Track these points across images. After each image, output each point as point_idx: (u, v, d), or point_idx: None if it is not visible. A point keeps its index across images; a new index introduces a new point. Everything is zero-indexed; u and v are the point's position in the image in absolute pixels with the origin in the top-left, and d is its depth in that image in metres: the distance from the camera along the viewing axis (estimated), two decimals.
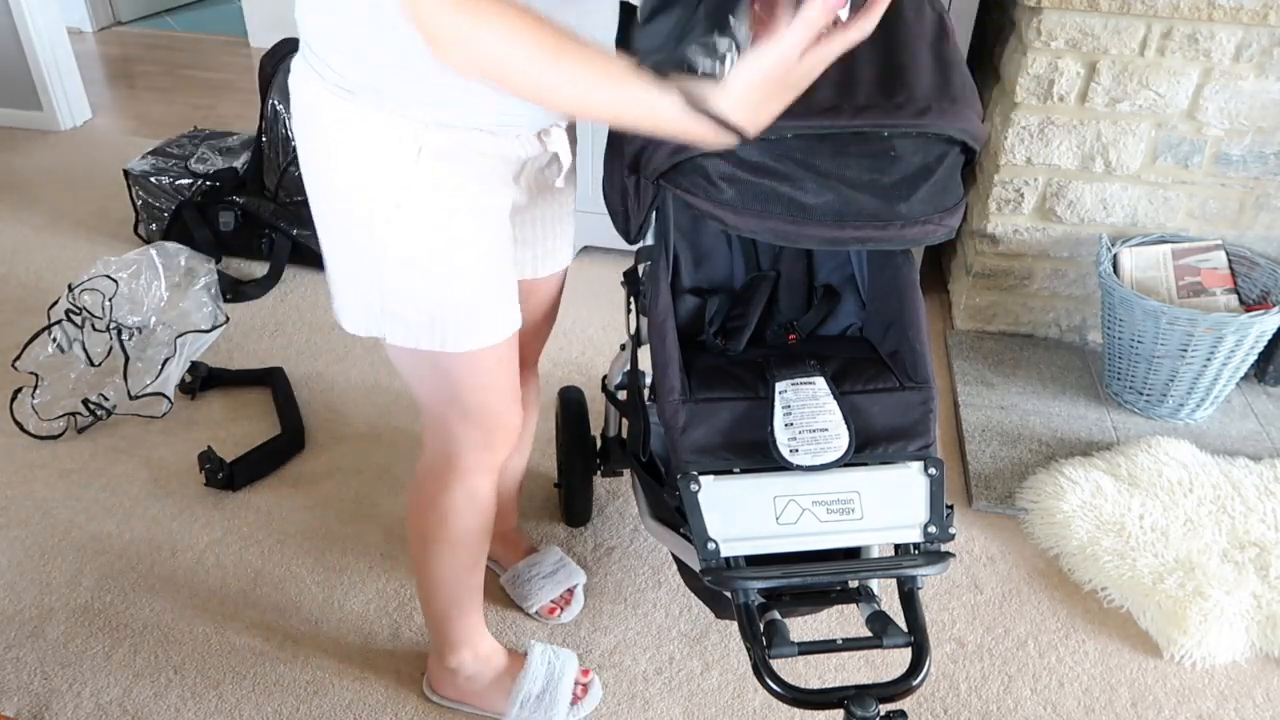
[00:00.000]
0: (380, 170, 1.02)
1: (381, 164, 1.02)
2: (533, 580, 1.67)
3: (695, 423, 1.20)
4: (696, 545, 1.17)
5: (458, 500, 1.28)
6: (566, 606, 1.65)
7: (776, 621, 1.16)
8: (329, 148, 1.04)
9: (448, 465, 1.26)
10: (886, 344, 1.33)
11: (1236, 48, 2.01)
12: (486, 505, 1.32)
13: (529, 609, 1.65)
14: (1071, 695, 1.56)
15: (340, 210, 1.07)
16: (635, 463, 1.42)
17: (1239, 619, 1.64)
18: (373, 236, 1.06)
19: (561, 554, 1.72)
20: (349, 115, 1.01)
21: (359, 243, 1.07)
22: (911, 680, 1.11)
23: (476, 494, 1.29)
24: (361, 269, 1.10)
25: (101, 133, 3.57)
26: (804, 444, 1.18)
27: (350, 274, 1.12)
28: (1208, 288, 2.12)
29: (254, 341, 2.35)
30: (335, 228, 1.10)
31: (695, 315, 1.43)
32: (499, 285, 1.16)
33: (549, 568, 1.69)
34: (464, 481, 1.27)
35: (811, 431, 1.19)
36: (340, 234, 1.09)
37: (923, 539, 1.19)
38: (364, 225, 1.05)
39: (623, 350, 1.61)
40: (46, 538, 1.78)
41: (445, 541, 1.32)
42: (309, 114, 1.06)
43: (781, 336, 1.42)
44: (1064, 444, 2.06)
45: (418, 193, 1.03)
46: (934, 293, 2.64)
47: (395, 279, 1.09)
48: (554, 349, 2.36)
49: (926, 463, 1.21)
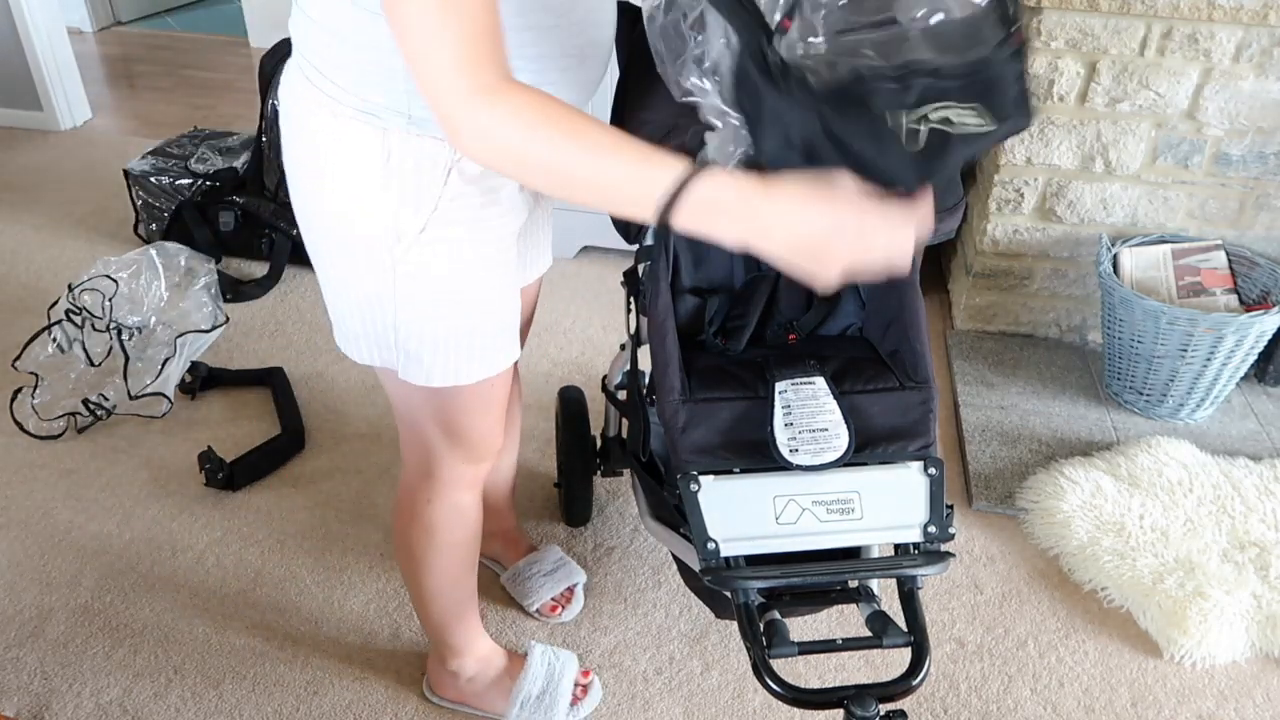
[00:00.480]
0: (407, 195, 0.96)
1: (408, 188, 0.96)
2: (533, 578, 1.67)
3: (695, 423, 1.20)
4: (696, 545, 1.17)
5: (441, 514, 1.26)
6: (567, 605, 1.65)
7: (776, 621, 1.16)
8: (341, 172, 0.98)
9: (430, 480, 1.23)
10: (886, 344, 1.33)
11: (1236, 48, 2.01)
12: (472, 517, 1.30)
13: (529, 607, 1.65)
14: (1071, 695, 1.56)
15: (352, 238, 1.01)
16: (635, 463, 1.42)
17: (1239, 619, 1.64)
18: (392, 265, 0.99)
19: (561, 553, 1.72)
20: (368, 139, 0.95)
21: (375, 270, 1.01)
22: (911, 680, 1.11)
23: (460, 506, 1.27)
24: (372, 298, 1.04)
25: (101, 133, 3.57)
26: (804, 444, 1.18)
27: (358, 303, 1.05)
28: (1208, 288, 2.12)
29: (254, 341, 2.36)
30: (342, 256, 1.03)
31: (695, 315, 1.43)
32: (512, 311, 1.13)
33: (549, 566, 1.69)
34: (447, 496, 1.25)
35: (811, 431, 1.18)
36: (348, 263, 1.03)
37: (923, 539, 1.19)
38: (384, 252, 0.99)
39: (623, 350, 1.61)
40: (46, 538, 1.78)
41: (434, 555, 1.30)
42: (311, 138, 0.99)
43: (781, 336, 1.42)
44: (1064, 444, 2.06)
45: (445, 218, 0.98)
46: (934, 293, 2.64)
47: (414, 310, 1.03)
48: (554, 349, 2.36)
49: (926, 463, 1.21)
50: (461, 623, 1.41)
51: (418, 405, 1.16)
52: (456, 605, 1.39)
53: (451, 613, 1.39)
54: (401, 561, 1.36)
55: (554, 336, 2.41)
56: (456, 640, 1.42)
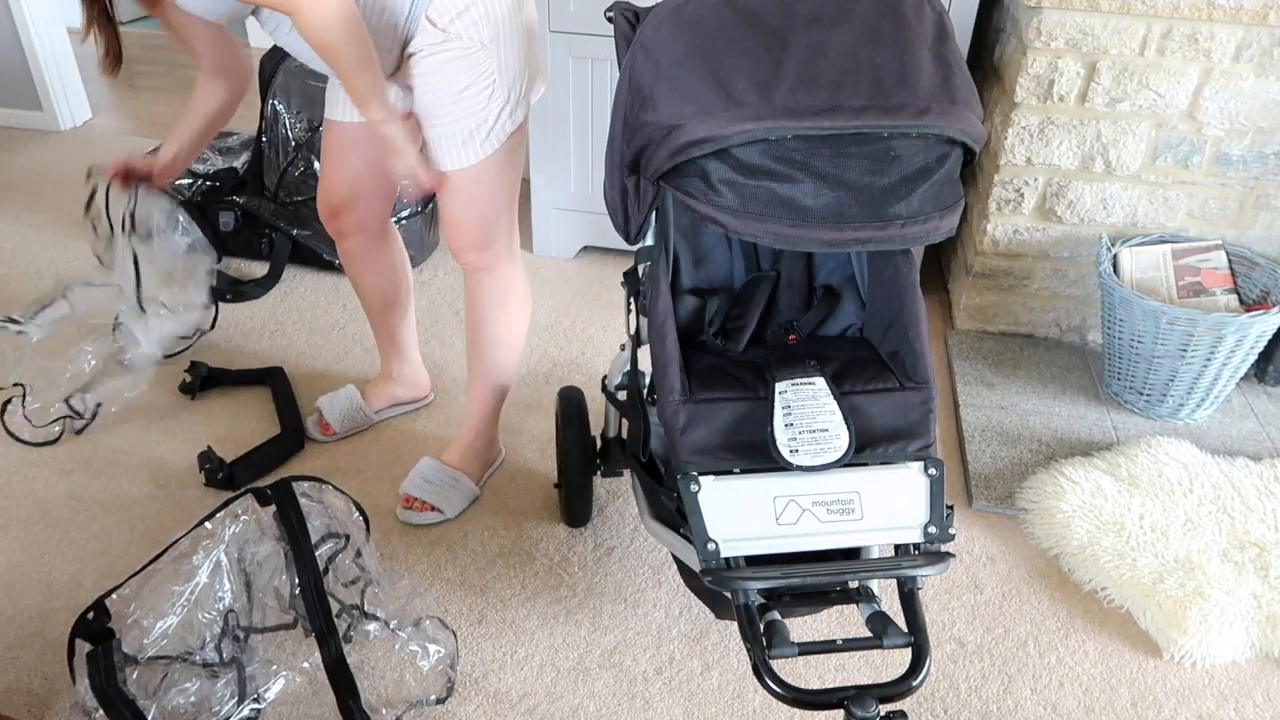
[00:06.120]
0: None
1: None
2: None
3: (695, 423, 1.20)
4: (696, 545, 1.17)
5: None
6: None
7: (776, 622, 1.16)
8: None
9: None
10: (886, 344, 1.33)
11: (1236, 48, 2.01)
12: None
13: None
14: (1071, 695, 1.56)
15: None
16: (635, 463, 1.42)
17: (1239, 619, 1.64)
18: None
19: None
20: None
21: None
22: (911, 680, 1.12)
23: None
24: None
25: (101, 133, 3.57)
26: (804, 444, 1.18)
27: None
28: (1208, 288, 2.12)
29: (254, 341, 2.36)
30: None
31: (695, 315, 1.43)
32: None
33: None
34: None
35: (811, 432, 1.19)
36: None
37: (923, 539, 1.20)
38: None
39: (623, 350, 1.61)
40: (46, 538, 1.78)
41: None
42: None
43: (782, 337, 1.42)
44: (1064, 444, 2.06)
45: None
46: (934, 293, 2.64)
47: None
48: (554, 349, 2.36)
49: (926, 463, 1.21)
50: None
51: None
52: None
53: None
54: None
55: (554, 336, 2.41)
56: None
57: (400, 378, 2.09)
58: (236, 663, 1.37)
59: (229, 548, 1.39)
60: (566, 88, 2.48)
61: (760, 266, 1.47)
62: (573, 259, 2.75)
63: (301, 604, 1.41)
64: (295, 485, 1.47)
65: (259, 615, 1.43)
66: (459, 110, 1.51)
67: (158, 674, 1.32)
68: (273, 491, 1.45)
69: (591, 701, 1.52)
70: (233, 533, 1.40)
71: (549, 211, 2.69)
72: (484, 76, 1.50)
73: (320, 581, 1.41)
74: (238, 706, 1.33)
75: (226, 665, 1.35)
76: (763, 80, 1.08)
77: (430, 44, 1.47)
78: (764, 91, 1.07)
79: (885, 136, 1.08)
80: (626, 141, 1.21)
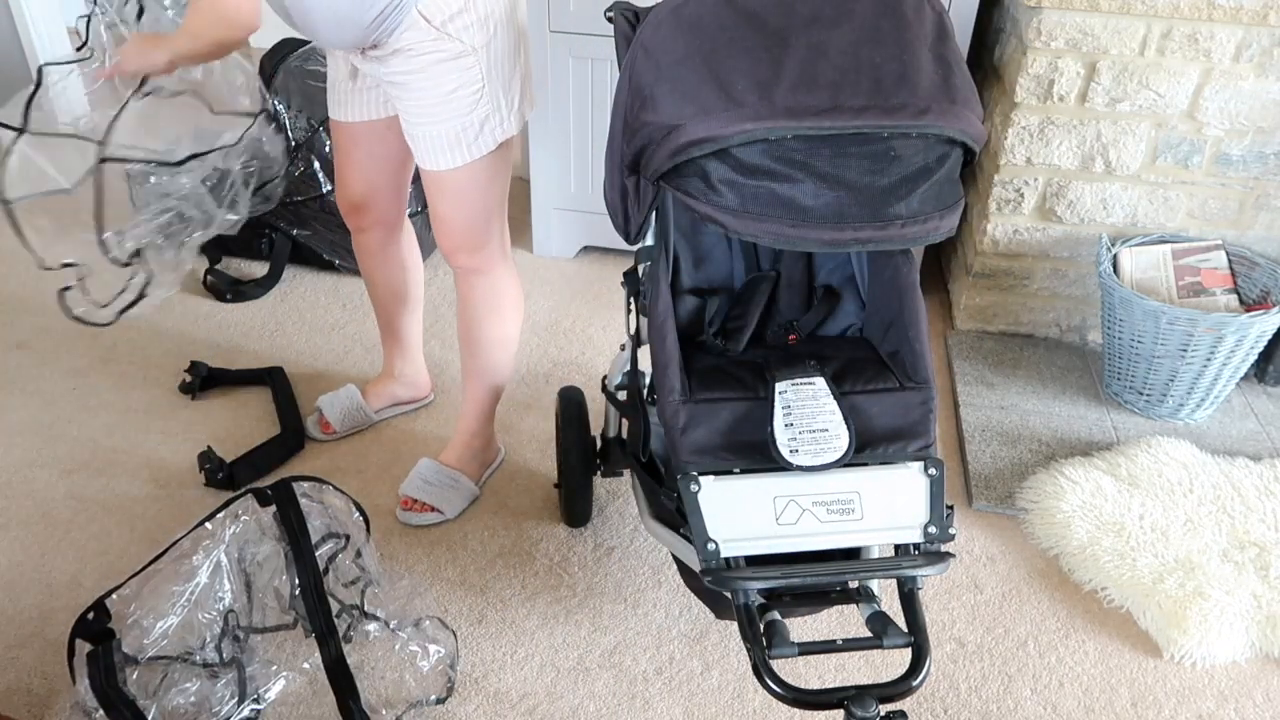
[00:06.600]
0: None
1: None
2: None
3: (695, 423, 1.20)
4: (696, 546, 1.17)
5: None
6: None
7: (776, 622, 1.16)
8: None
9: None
10: (886, 344, 1.33)
11: (1236, 48, 2.01)
12: None
13: None
14: (1071, 695, 1.56)
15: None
16: (635, 463, 1.42)
17: (1239, 619, 1.64)
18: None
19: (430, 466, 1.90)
20: None
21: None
22: (911, 680, 1.12)
23: None
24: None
25: None
26: (804, 444, 1.18)
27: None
28: (1208, 288, 2.12)
29: (254, 341, 2.36)
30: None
31: (695, 315, 1.43)
32: None
33: None
34: None
35: (811, 432, 1.19)
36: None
37: (923, 539, 1.20)
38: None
39: (623, 350, 1.61)
40: (46, 538, 1.78)
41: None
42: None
43: (781, 337, 1.42)
44: (1064, 444, 2.06)
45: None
46: (934, 293, 2.64)
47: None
48: (554, 349, 2.36)
49: (926, 463, 1.21)
50: None
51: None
52: None
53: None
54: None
55: (554, 336, 2.41)
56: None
57: (402, 376, 2.09)
58: (236, 663, 1.37)
59: (229, 548, 1.39)
60: (566, 88, 2.48)
61: (760, 266, 1.47)
62: (573, 259, 2.75)
63: (301, 604, 1.40)
64: (295, 485, 1.47)
65: (259, 615, 1.43)
66: (445, 112, 1.51)
67: (158, 674, 1.32)
68: (273, 491, 1.45)
69: (591, 701, 1.52)
70: (233, 533, 1.40)
71: (549, 211, 2.69)
72: (473, 81, 1.49)
73: (320, 582, 1.42)
74: (238, 707, 1.33)
75: (226, 665, 1.35)
76: (763, 80, 1.08)
77: (421, 41, 1.46)
78: (764, 91, 1.07)
79: (885, 136, 1.08)
80: (626, 141, 1.21)
